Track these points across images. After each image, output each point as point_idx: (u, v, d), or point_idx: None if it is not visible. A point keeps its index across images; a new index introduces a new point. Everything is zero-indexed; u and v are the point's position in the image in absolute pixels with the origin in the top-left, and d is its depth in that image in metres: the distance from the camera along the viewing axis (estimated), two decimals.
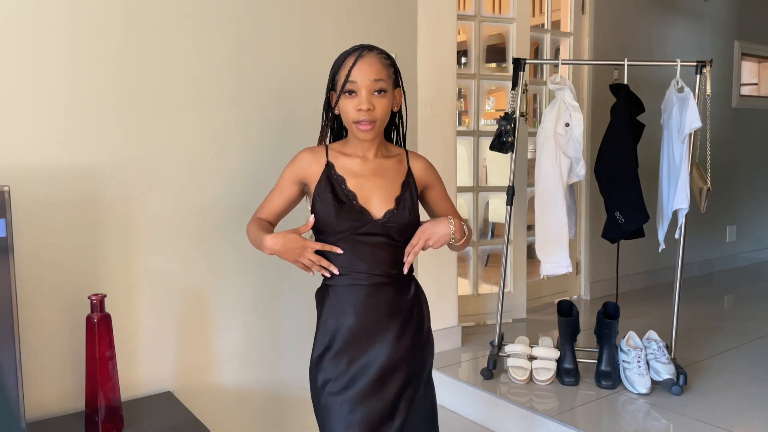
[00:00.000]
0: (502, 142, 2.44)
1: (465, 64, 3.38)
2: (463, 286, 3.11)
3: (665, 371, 2.29)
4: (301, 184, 1.48)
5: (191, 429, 1.65)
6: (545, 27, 3.40)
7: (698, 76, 2.33)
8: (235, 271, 2.01)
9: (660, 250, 2.48)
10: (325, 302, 1.45)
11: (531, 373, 2.41)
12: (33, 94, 1.66)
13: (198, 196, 1.93)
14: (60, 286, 1.71)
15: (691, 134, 2.29)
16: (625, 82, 2.40)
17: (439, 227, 1.42)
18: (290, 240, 1.38)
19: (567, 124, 2.37)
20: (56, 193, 1.69)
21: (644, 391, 2.26)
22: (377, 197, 1.42)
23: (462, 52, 3.25)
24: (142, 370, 1.86)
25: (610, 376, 2.35)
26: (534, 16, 3.83)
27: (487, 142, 2.93)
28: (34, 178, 1.66)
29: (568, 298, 3.54)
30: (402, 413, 1.42)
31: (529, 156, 3.29)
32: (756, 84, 5.07)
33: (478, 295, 3.18)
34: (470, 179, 3.14)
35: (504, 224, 2.56)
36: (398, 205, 1.42)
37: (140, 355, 1.85)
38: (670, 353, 2.40)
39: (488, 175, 3.43)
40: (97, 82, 1.74)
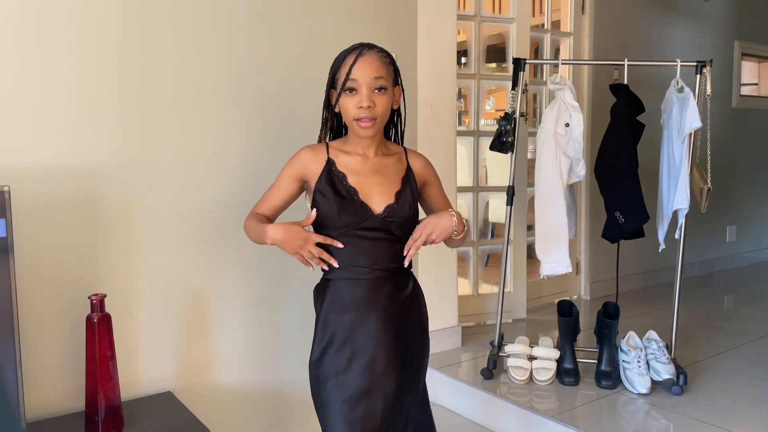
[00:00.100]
0: (502, 142, 2.44)
1: (465, 64, 3.37)
2: (463, 286, 3.11)
3: (665, 371, 2.29)
4: (301, 181, 1.49)
5: (191, 429, 1.65)
6: (545, 27, 3.40)
7: (698, 76, 2.33)
8: (235, 271, 2.01)
9: (660, 250, 2.48)
10: (325, 298, 1.45)
11: (531, 373, 2.41)
12: (33, 94, 1.66)
13: (198, 196, 1.93)
14: (60, 286, 1.71)
15: (691, 134, 2.29)
16: (625, 82, 2.40)
17: (441, 220, 1.43)
18: (292, 231, 1.38)
19: (567, 125, 2.37)
20: (56, 193, 1.70)
21: (644, 391, 2.26)
22: (378, 193, 1.43)
23: (462, 52, 3.25)
24: (142, 370, 1.86)
25: (610, 376, 2.35)
26: (534, 16, 3.83)
27: (487, 142, 2.93)
28: (34, 178, 1.66)
29: (568, 298, 3.54)
30: (404, 408, 1.43)
31: (529, 156, 3.28)
32: (756, 84, 5.07)
33: (478, 295, 3.18)
34: (470, 179, 3.14)
35: (504, 224, 2.56)
36: (398, 200, 1.43)
37: (140, 355, 1.85)
38: (670, 353, 2.39)
39: (488, 175, 3.43)
40: (97, 82, 1.74)
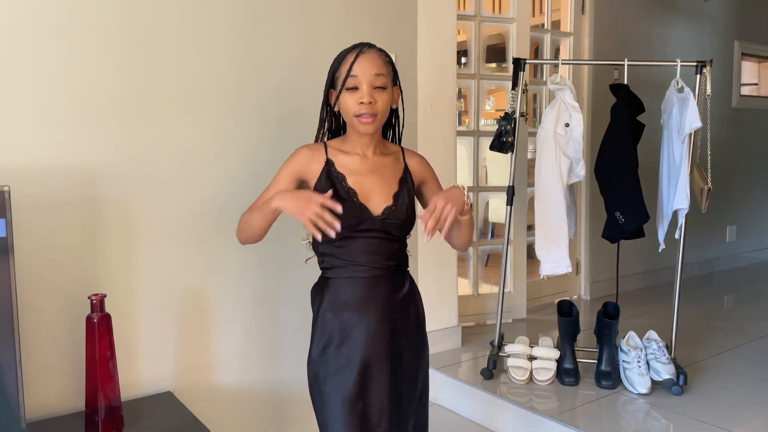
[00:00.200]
0: (502, 142, 2.44)
1: (465, 64, 3.38)
2: (463, 286, 3.11)
3: (665, 371, 2.29)
4: (299, 181, 1.48)
5: (191, 429, 1.65)
6: (545, 27, 3.40)
7: (698, 76, 2.32)
8: (235, 271, 2.01)
9: (660, 250, 2.48)
10: (324, 296, 1.45)
11: (531, 373, 2.41)
12: (33, 94, 1.66)
13: (198, 196, 1.93)
14: (60, 286, 1.71)
15: (691, 134, 2.29)
16: (625, 82, 2.40)
17: (451, 191, 1.38)
18: (299, 192, 1.37)
19: (567, 125, 2.37)
20: (56, 193, 1.70)
21: (644, 391, 2.26)
22: (376, 194, 1.43)
23: (462, 52, 3.25)
24: (142, 370, 1.86)
25: (610, 376, 2.35)
26: (534, 16, 3.83)
27: (487, 142, 2.93)
28: (34, 178, 1.66)
29: (568, 298, 3.54)
30: (402, 407, 1.43)
31: (529, 156, 3.28)
32: (756, 84, 5.07)
33: (478, 295, 3.18)
34: (470, 179, 3.14)
35: (504, 224, 2.56)
36: (396, 201, 1.43)
37: (140, 355, 1.85)
38: (670, 353, 2.39)
39: (488, 175, 3.43)
40: (97, 82, 1.74)
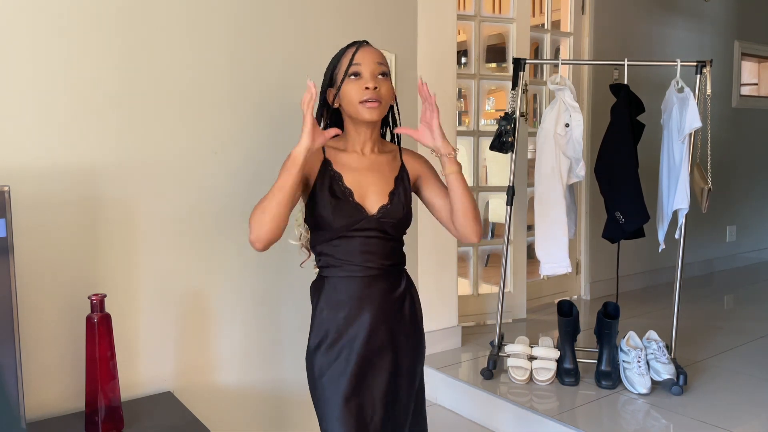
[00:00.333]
0: (502, 142, 2.44)
1: (465, 64, 3.37)
2: (463, 286, 3.11)
3: (665, 371, 2.29)
4: (304, 177, 1.48)
5: (191, 429, 1.65)
6: (545, 27, 3.40)
7: (698, 76, 2.32)
8: (235, 271, 2.01)
9: (660, 250, 2.48)
10: (321, 294, 1.46)
11: (531, 373, 2.41)
12: (33, 94, 1.66)
13: (198, 196, 1.93)
14: (60, 286, 1.71)
15: (691, 134, 2.29)
16: (625, 82, 2.40)
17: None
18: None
19: (567, 125, 2.37)
20: (56, 193, 1.70)
21: (644, 391, 2.26)
22: (373, 193, 1.43)
23: (462, 52, 3.25)
24: (142, 370, 1.86)
25: (610, 376, 2.35)
26: (534, 16, 3.82)
27: (487, 142, 2.93)
28: (34, 178, 1.66)
29: (568, 298, 3.54)
30: (398, 405, 1.44)
31: (529, 156, 3.28)
32: (756, 84, 5.07)
33: (478, 295, 3.18)
34: (470, 179, 3.14)
35: (504, 224, 2.56)
36: (392, 200, 1.44)
37: (140, 355, 1.85)
38: (670, 353, 2.39)
39: (488, 175, 3.43)
40: (97, 82, 1.74)
